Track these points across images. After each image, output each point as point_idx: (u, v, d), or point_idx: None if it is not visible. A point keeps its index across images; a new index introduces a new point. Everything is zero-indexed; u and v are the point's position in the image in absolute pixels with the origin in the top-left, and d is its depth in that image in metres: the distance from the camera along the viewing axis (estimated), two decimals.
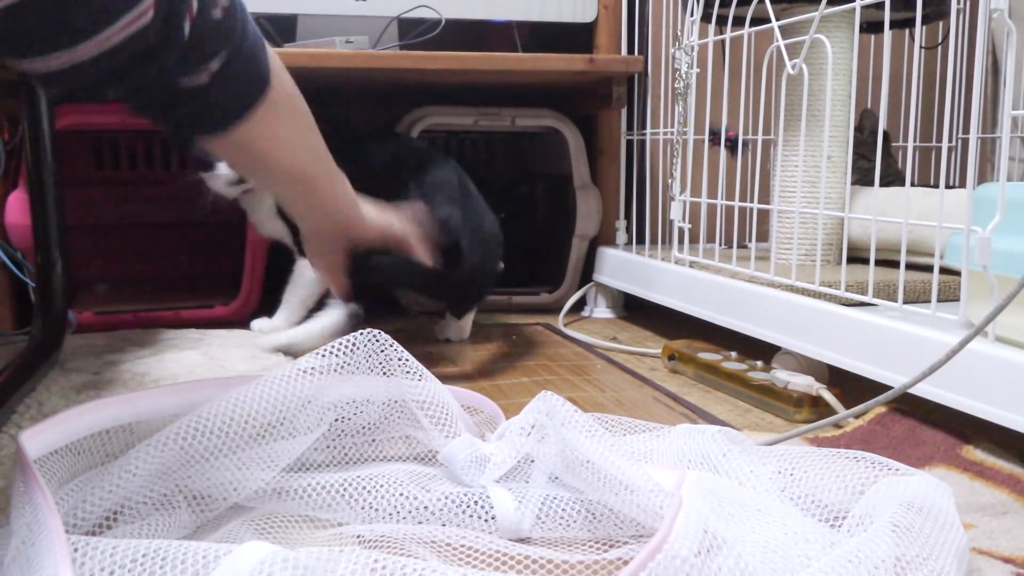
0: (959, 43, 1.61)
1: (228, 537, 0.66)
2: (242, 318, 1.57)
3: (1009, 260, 0.87)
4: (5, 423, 0.95)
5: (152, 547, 0.50)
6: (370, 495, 0.72)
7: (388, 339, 0.79)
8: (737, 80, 1.36)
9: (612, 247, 1.71)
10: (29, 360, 1.15)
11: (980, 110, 0.93)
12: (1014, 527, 0.72)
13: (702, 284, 1.37)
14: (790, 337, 1.15)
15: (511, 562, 0.65)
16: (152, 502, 0.67)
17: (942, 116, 1.57)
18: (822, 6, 1.14)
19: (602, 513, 0.71)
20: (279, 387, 0.74)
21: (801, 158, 1.33)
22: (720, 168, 1.60)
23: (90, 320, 1.49)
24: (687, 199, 1.47)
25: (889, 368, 0.98)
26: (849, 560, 0.53)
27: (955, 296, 1.00)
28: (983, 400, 0.86)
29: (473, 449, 0.76)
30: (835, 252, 1.38)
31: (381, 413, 0.80)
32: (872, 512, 0.63)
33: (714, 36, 1.42)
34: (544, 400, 0.77)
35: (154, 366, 1.19)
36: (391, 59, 1.54)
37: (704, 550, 0.52)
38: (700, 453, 0.74)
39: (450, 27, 1.63)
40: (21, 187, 1.43)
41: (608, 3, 1.71)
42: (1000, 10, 0.87)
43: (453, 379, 1.22)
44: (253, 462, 0.72)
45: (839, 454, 0.74)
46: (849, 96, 1.32)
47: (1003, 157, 0.89)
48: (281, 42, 1.67)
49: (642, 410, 1.08)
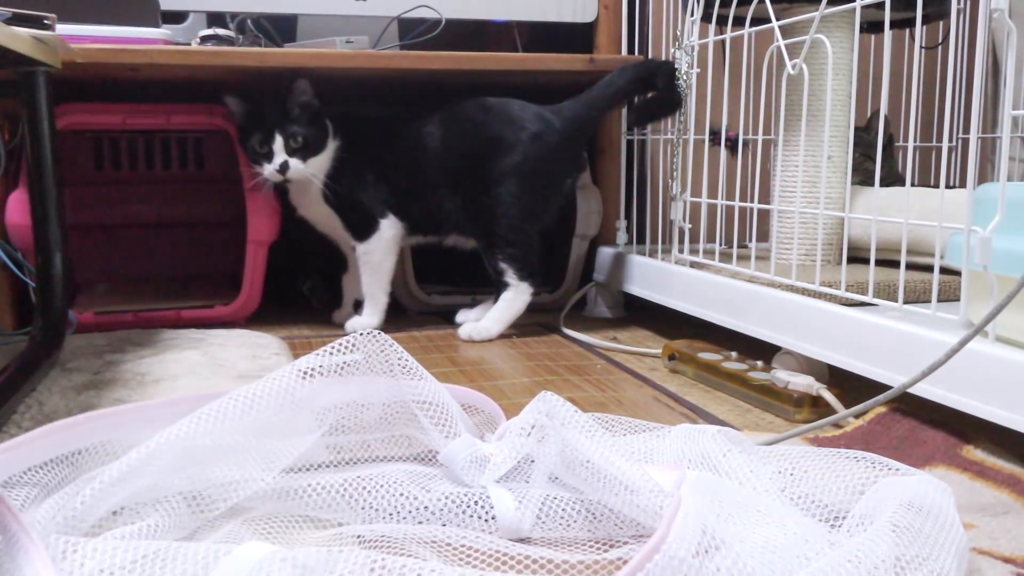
0: (959, 43, 1.61)
1: (228, 537, 0.66)
2: (242, 318, 1.58)
3: (1009, 260, 0.87)
4: (5, 423, 0.95)
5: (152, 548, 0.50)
6: (370, 495, 0.72)
7: (388, 339, 0.79)
8: (737, 80, 1.36)
9: (612, 247, 1.71)
10: (29, 360, 1.15)
11: (980, 110, 0.93)
12: (1014, 527, 0.72)
13: (702, 284, 1.37)
14: (790, 337, 1.15)
15: (511, 562, 0.65)
16: (152, 502, 0.67)
17: (942, 116, 1.57)
18: (822, 6, 1.14)
19: (602, 513, 0.71)
20: (279, 387, 0.74)
21: (801, 158, 1.33)
22: (720, 168, 1.60)
23: (90, 320, 1.49)
24: (687, 199, 1.47)
25: (889, 368, 0.98)
26: (849, 560, 0.53)
27: (955, 296, 1.00)
28: (983, 400, 0.86)
29: (473, 449, 0.76)
30: (835, 252, 1.38)
31: (381, 413, 0.80)
32: (872, 512, 0.63)
33: (714, 36, 1.42)
34: (544, 400, 0.77)
35: (154, 366, 1.19)
36: (391, 59, 1.54)
37: (703, 550, 0.52)
38: (700, 453, 0.74)
39: (450, 27, 1.63)
40: (21, 187, 1.43)
41: (608, 3, 1.71)
42: (1000, 10, 0.87)
43: (453, 379, 1.22)
44: (253, 463, 0.72)
45: (839, 454, 0.74)
46: (849, 96, 1.32)
47: (1003, 157, 0.89)
48: (281, 42, 1.67)
49: (642, 410, 1.08)
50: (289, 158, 1.45)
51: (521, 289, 1.51)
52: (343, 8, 1.61)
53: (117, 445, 0.72)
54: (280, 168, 1.45)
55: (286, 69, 1.49)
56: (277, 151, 1.45)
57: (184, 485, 0.69)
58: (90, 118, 1.51)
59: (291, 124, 1.46)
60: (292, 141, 1.45)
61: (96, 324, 1.49)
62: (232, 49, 1.51)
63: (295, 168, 1.46)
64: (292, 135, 1.45)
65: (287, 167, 1.45)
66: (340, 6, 1.61)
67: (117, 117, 1.52)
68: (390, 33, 1.65)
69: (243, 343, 1.35)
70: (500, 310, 1.51)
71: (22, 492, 0.66)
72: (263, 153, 1.46)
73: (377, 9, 1.62)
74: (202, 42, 1.58)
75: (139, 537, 0.63)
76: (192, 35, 1.62)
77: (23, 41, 1.04)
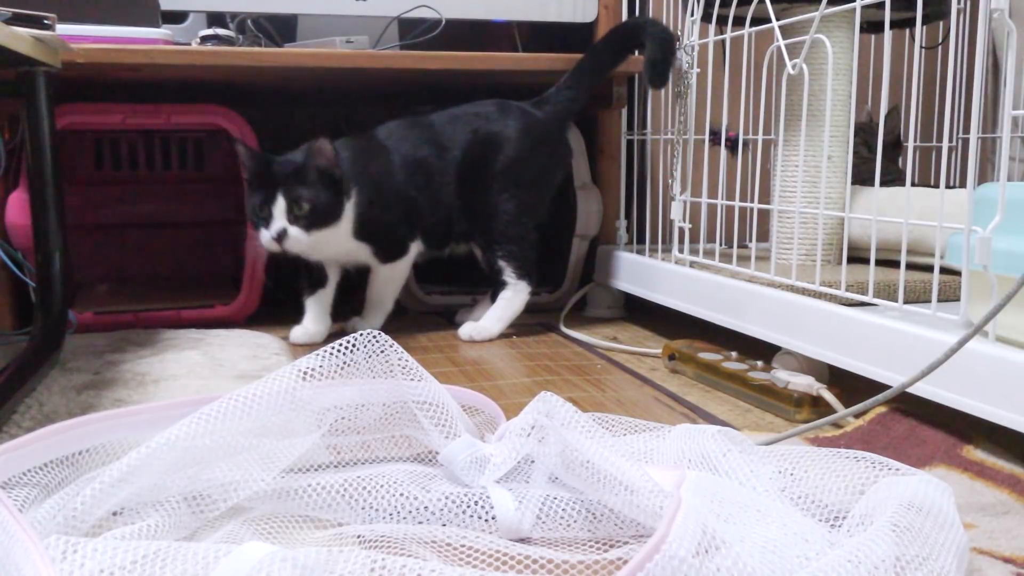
0: (959, 43, 1.61)
1: (228, 537, 0.66)
2: (242, 318, 1.58)
3: (1009, 260, 0.87)
4: (5, 423, 0.95)
5: (152, 548, 0.50)
6: (370, 495, 0.72)
7: (388, 339, 0.79)
8: (737, 80, 1.36)
9: (612, 247, 1.71)
10: (29, 360, 1.15)
11: (980, 110, 0.93)
12: (1014, 527, 0.72)
13: (702, 284, 1.37)
14: (790, 337, 1.15)
15: (511, 562, 0.65)
16: (152, 503, 0.67)
17: (942, 116, 1.57)
18: (822, 6, 1.14)
19: (602, 513, 0.71)
20: (279, 388, 0.74)
21: (801, 158, 1.33)
22: (720, 168, 1.60)
23: (90, 320, 1.49)
24: (687, 199, 1.47)
25: (889, 368, 0.98)
26: (849, 560, 0.53)
27: (956, 296, 1.00)
28: (983, 400, 0.86)
29: (473, 450, 0.76)
30: (835, 252, 1.38)
31: (381, 414, 0.80)
32: (872, 512, 0.63)
33: (714, 36, 1.42)
34: (544, 400, 0.77)
35: (154, 366, 1.19)
36: (391, 59, 1.54)
37: (703, 550, 0.52)
38: (700, 453, 0.74)
39: (450, 27, 1.63)
40: (21, 187, 1.43)
41: (608, 3, 1.71)
42: (1000, 10, 0.87)
43: (453, 379, 1.22)
44: (253, 463, 0.72)
45: (839, 454, 0.74)
46: (849, 96, 1.32)
47: (1003, 157, 0.89)
48: (281, 42, 1.67)
49: (642, 410, 1.08)
50: (290, 226, 1.29)
51: (520, 288, 1.51)
52: (343, 8, 1.61)
53: (117, 446, 0.73)
54: (277, 236, 1.29)
55: (286, 69, 1.49)
56: (276, 216, 1.29)
57: (184, 485, 0.69)
58: (90, 118, 1.51)
59: (299, 186, 1.29)
60: (296, 207, 1.29)
61: (96, 324, 1.49)
62: (232, 49, 1.51)
63: (295, 238, 1.29)
64: (297, 199, 1.28)
65: (285, 236, 1.29)
66: (340, 6, 1.61)
67: (117, 117, 1.51)
68: (390, 33, 1.65)
69: (243, 343, 1.35)
70: (500, 309, 1.51)
71: (22, 492, 0.66)
72: (262, 216, 1.30)
73: (377, 9, 1.62)
74: (202, 42, 1.58)
75: (139, 537, 0.63)
76: (192, 35, 1.62)
77: (23, 41, 1.05)
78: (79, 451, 0.70)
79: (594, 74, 1.59)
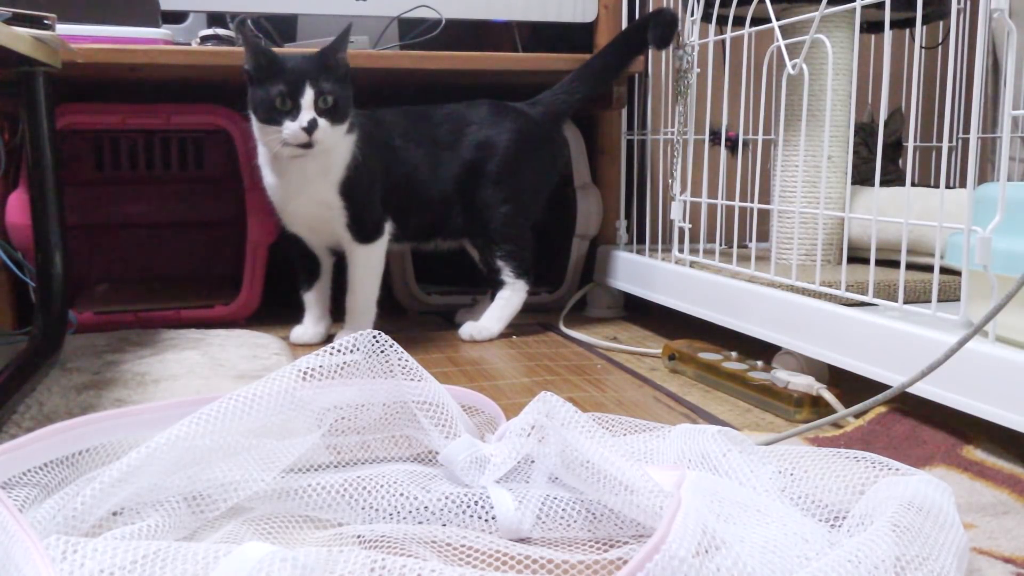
0: (959, 43, 1.61)
1: (228, 537, 0.66)
2: (242, 318, 1.58)
3: (1009, 260, 0.87)
4: (5, 423, 0.95)
5: (152, 548, 0.50)
6: (370, 495, 0.72)
7: (388, 340, 0.79)
8: (737, 80, 1.36)
9: (612, 247, 1.71)
10: (29, 360, 1.15)
11: (980, 110, 0.93)
12: (1014, 527, 0.72)
13: (702, 284, 1.37)
14: (790, 337, 1.15)
15: (511, 562, 0.65)
16: (152, 503, 0.67)
17: (942, 116, 1.57)
18: (822, 6, 1.14)
19: (602, 513, 0.71)
20: (279, 388, 0.74)
21: (801, 158, 1.33)
22: (720, 168, 1.60)
23: (90, 320, 1.49)
24: (687, 199, 1.47)
25: (889, 368, 0.98)
26: (849, 560, 0.53)
27: (956, 296, 1.00)
28: (983, 400, 0.86)
29: (473, 450, 0.76)
30: (835, 252, 1.38)
31: (381, 414, 0.80)
32: (872, 512, 0.63)
33: (714, 36, 1.42)
34: (544, 401, 0.77)
35: (154, 366, 1.19)
36: (391, 59, 1.54)
37: (703, 550, 0.52)
38: (700, 453, 0.74)
39: (450, 27, 1.63)
40: (21, 187, 1.43)
41: (608, 3, 1.71)
42: (1000, 10, 0.87)
43: (453, 379, 1.22)
44: (253, 463, 0.72)
45: (839, 454, 0.74)
46: (849, 96, 1.32)
47: (1003, 157, 0.89)
48: (281, 42, 1.67)
49: (642, 410, 1.08)
50: (319, 117, 1.23)
51: (518, 287, 1.51)
52: (343, 8, 1.61)
53: (117, 446, 0.73)
54: (308, 126, 1.22)
55: None
56: (305, 107, 1.22)
57: (184, 485, 0.69)
58: (90, 118, 1.51)
59: (326, 79, 1.23)
60: (322, 100, 1.24)
61: (96, 324, 1.49)
62: (232, 49, 1.51)
63: (323, 130, 1.24)
64: (324, 93, 1.23)
65: (315, 126, 1.22)
66: (340, 6, 1.61)
67: (117, 117, 1.52)
68: (390, 33, 1.65)
69: (243, 343, 1.35)
70: (499, 308, 1.51)
71: (22, 492, 0.66)
72: (285, 110, 1.23)
73: (377, 9, 1.62)
74: (202, 42, 1.58)
75: (139, 537, 0.63)
76: (192, 35, 1.62)
77: (23, 41, 1.05)
78: (79, 451, 0.70)
79: (601, 75, 1.59)
